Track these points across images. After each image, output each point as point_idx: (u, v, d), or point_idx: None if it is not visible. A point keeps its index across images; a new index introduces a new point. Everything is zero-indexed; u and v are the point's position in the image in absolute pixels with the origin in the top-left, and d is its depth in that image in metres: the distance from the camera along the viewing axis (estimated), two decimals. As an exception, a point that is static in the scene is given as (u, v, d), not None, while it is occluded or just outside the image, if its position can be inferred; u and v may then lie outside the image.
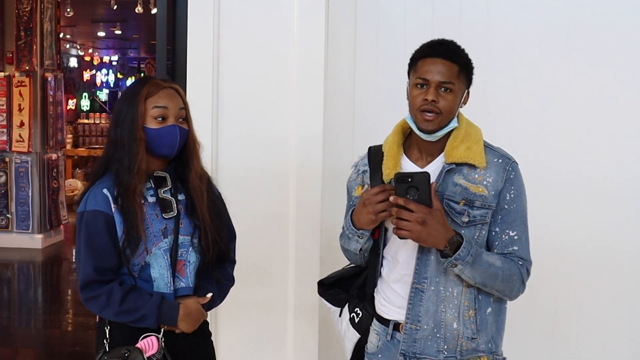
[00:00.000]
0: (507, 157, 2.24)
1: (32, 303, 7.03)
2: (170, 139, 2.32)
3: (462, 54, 2.23)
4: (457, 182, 2.19)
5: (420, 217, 2.06)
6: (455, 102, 2.17)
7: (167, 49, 3.61)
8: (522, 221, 2.21)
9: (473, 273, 2.13)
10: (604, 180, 3.65)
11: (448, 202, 2.18)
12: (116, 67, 18.02)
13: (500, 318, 2.30)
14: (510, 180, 2.19)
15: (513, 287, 2.19)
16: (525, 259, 2.21)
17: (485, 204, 2.17)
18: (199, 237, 2.39)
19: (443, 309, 2.21)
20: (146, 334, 2.30)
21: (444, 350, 2.22)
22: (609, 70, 3.63)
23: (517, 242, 2.20)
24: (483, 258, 2.13)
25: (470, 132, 2.23)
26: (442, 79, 2.15)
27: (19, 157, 8.71)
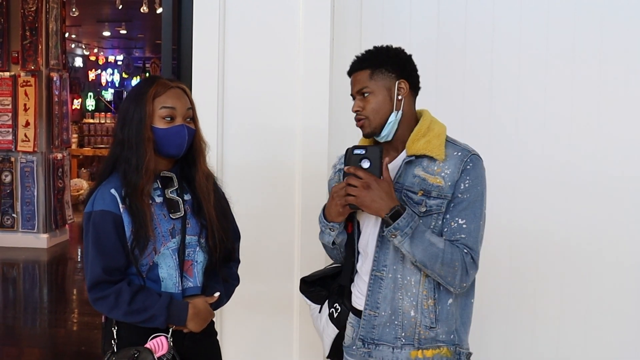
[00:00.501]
0: (467, 150, 2.29)
1: (37, 302, 7.04)
2: (179, 139, 2.32)
3: (371, 57, 2.34)
4: (416, 174, 2.28)
5: (365, 183, 2.18)
6: (378, 101, 2.29)
7: (173, 48, 3.61)
8: (473, 211, 2.23)
9: (412, 248, 2.18)
10: (611, 177, 3.65)
11: (407, 193, 2.28)
12: (121, 67, 18.04)
13: (465, 312, 2.33)
14: (466, 171, 2.24)
15: (455, 274, 2.20)
16: (471, 248, 2.22)
17: (441, 194, 2.23)
18: (206, 237, 2.39)
19: (400, 297, 2.28)
20: (155, 334, 2.30)
21: (402, 337, 2.29)
22: (616, 68, 3.62)
23: (465, 230, 2.22)
24: (425, 236, 2.19)
25: (433, 128, 2.32)
26: (357, 88, 2.34)
27: (25, 156, 8.73)
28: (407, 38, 3.64)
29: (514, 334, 3.75)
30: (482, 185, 2.26)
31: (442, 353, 2.28)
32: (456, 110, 3.65)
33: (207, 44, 3.45)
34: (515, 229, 3.69)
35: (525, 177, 3.68)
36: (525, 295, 3.74)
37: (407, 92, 2.32)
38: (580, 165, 3.65)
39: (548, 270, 3.72)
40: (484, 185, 2.27)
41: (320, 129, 3.43)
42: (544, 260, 3.72)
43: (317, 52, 3.43)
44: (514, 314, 3.74)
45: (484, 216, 2.28)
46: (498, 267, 3.69)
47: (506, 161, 3.66)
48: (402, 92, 2.30)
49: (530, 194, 3.69)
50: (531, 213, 3.69)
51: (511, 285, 3.74)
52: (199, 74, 3.46)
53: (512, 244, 3.70)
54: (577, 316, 3.72)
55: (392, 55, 2.34)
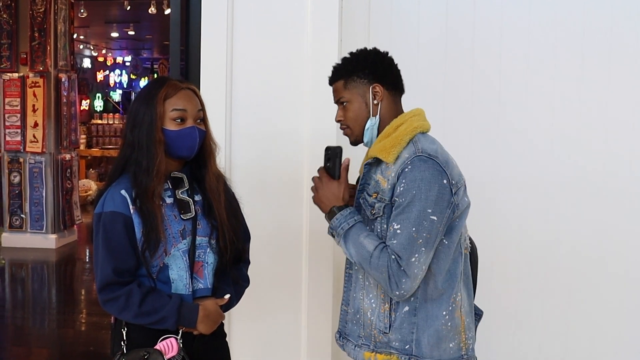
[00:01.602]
0: (414, 152, 2.18)
1: (46, 303, 7.05)
2: (190, 141, 2.31)
3: (344, 65, 2.34)
4: (374, 177, 2.29)
5: (317, 183, 2.32)
6: (354, 109, 2.31)
7: (181, 49, 3.61)
8: (407, 216, 2.12)
9: (348, 248, 2.22)
10: (620, 177, 3.65)
11: (365, 195, 2.30)
12: (129, 68, 18.08)
13: (433, 324, 2.22)
14: (403, 174, 2.15)
15: (386, 280, 2.13)
16: (399, 256, 2.11)
17: (382, 197, 2.22)
18: (217, 238, 2.38)
19: (361, 297, 2.32)
20: (164, 335, 2.29)
21: (362, 336, 2.32)
22: (625, 66, 3.62)
23: (397, 236, 2.12)
24: (359, 238, 2.19)
25: (400, 129, 2.27)
26: (335, 98, 2.37)
27: (33, 157, 8.75)
28: (416, 36, 3.64)
29: (520, 340, 3.73)
30: (419, 189, 2.11)
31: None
32: (464, 108, 3.65)
33: (215, 45, 3.46)
34: (524, 231, 3.68)
35: (532, 174, 3.67)
36: (532, 301, 3.73)
37: (382, 95, 2.30)
38: (588, 165, 3.65)
39: (555, 276, 3.71)
40: (425, 189, 2.11)
41: (328, 130, 3.42)
42: (551, 265, 3.70)
43: (325, 52, 3.42)
44: (520, 319, 3.73)
45: (426, 225, 2.11)
46: (504, 271, 3.68)
47: (514, 158, 3.65)
48: (377, 96, 2.29)
49: (538, 192, 3.67)
50: (539, 212, 3.68)
51: (517, 291, 3.72)
52: (207, 75, 3.46)
53: (519, 246, 3.69)
54: (584, 322, 3.70)
55: (362, 60, 2.32)
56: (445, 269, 2.23)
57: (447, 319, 2.24)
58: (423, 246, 2.12)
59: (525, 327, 3.73)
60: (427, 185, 2.12)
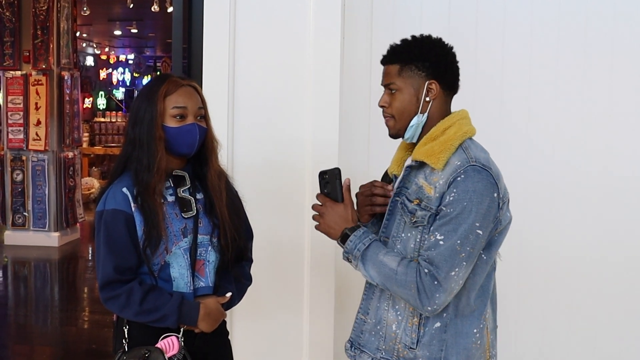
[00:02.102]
0: (467, 160, 2.04)
1: (48, 301, 7.07)
2: (190, 138, 2.31)
3: (403, 50, 2.17)
4: (417, 181, 2.12)
5: (320, 210, 2.20)
6: (403, 100, 2.14)
7: (183, 47, 3.61)
8: (454, 227, 1.98)
9: (367, 270, 2.09)
10: (621, 177, 3.64)
11: (404, 200, 2.15)
12: (132, 66, 18.09)
13: (462, 341, 2.11)
14: (455, 183, 2.00)
15: (415, 296, 1.99)
16: (437, 267, 1.98)
17: (428, 206, 2.06)
18: (218, 236, 2.38)
19: (386, 308, 2.18)
20: (166, 333, 2.29)
21: (382, 349, 2.18)
22: (628, 65, 3.61)
23: (438, 247, 1.98)
24: (378, 256, 2.06)
25: (448, 133, 2.12)
26: (385, 81, 2.19)
27: (36, 155, 8.76)
28: (418, 33, 3.63)
29: (520, 342, 3.72)
30: (471, 200, 1.98)
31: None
32: (467, 107, 3.63)
33: (217, 43, 3.45)
34: (525, 231, 3.66)
35: (534, 174, 3.66)
36: (532, 306, 3.72)
37: (437, 93, 2.13)
38: (589, 165, 3.64)
39: (556, 277, 3.69)
40: (476, 201, 1.99)
41: (331, 128, 3.42)
42: (552, 266, 3.69)
43: (328, 50, 3.42)
44: (521, 320, 3.72)
45: (472, 239, 1.99)
46: (505, 272, 3.67)
47: (515, 158, 3.65)
48: (431, 93, 2.13)
49: (539, 192, 3.66)
50: (540, 213, 3.67)
51: (518, 292, 3.71)
52: (210, 73, 3.46)
53: (520, 247, 3.68)
54: (586, 324, 3.69)
55: (426, 50, 2.15)
56: (479, 284, 2.13)
57: (478, 337, 2.14)
58: (464, 260, 2.00)
59: (526, 329, 3.72)
60: (478, 198, 1.99)
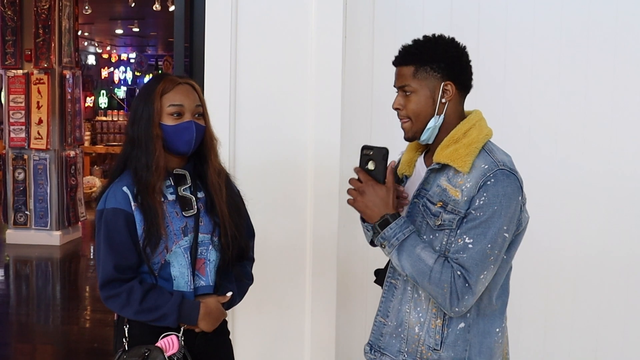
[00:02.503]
0: (495, 164, 2.04)
1: (50, 300, 7.07)
2: (187, 136, 2.31)
3: (417, 51, 2.15)
4: (440, 184, 2.11)
5: (361, 187, 2.10)
6: (418, 102, 2.12)
7: (185, 46, 3.61)
8: (483, 231, 2.00)
9: (401, 261, 2.06)
10: (624, 176, 3.63)
11: (426, 202, 2.13)
12: (134, 65, 18.10)
13: (485, 341, 2.13)
14: (485, 187, 2.01)
15: (445, 296, 2.00)
16: (468, 270, 1.99)
17: (455, 209, 2.05)
18: (219, 235, 2.38)
19: (407, 310, 2.17)
20: (166, 332, 2.30)
21: (404, 352, 2.17)
22: (631, 64, 3.60)
23: (468, 250, 1.99)
24: (415, 250, 2.04)
25: (470, 134, 2.12)
26: (399, 83, 2.16)
27: (37, 154, 8.76)
28: (420, 35, 3.62)
29: (523, 339, 3.72)
30: (501, 204, 2.00)
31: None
32: (469, 106, 3.63)
33: (219, 42, 3.45)
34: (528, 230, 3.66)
35: (536, 173, 3.64)
36: (533, 303, 3.71)
37: (452, 94, 2.13)
38: (592, 163, 3.63)
39: (557, 281, 3.69)
40: (505, 205, 2.00)
41: (332, 126, 3.42)
42: (554, 264, 3.69)
43: (330, 49, 3.42)
44: (524, 318, 3.71)
45: (500, 242, 2.01)
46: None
47: (517, 157, 3.63)
48: (446, 95, 2.13)
49: (541, 191, 3.65)
50: (541, 211, 3.66)
51: (519, 290, 3.70)
52: (211, 72, 3.46)
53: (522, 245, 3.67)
54: (588, 321, 3.69)
55: (441, 51, 2.13)
56: (500, 284, 2.14)
57: (500, 335, 2.17)
58: (492, 263, 2.02)
59: (528, 325, 3.72)
60: (507, 202, 2.01)
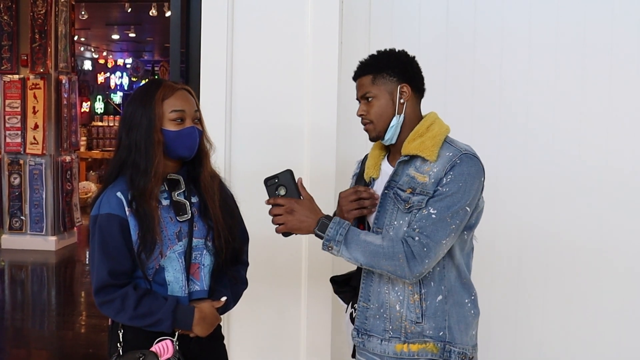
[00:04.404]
0: (459, 150, 2.28)
1: (45, 305, 7.06)
2: (190, 141, 2.32)
3: (373, 62, 2.38)
4: (408, 173, 2.32)
5: (288, 208, 2.28)
6: (380, 105, 2.35)
7: (181, 51, 3.61)
8: (447, 204, 2.21)
9: (351, 253, 2.23)
10: (621, 171, 3.65)
11: (397, 191, 2.32)
12: (130, 70, 18.09)
13: (461, 310, 2.33)
14: (452, 168, 2.23)
15: (402, 265, 2.18)
16: (428, 235, 2.18)
17: (423, 191, 2.25)
18: (213, 238, 2.38)
19: (386, 291, 2.34)
20: (160, 337, 2.29)
21: (390, 330, 2.34)
22: (627, 60, 3.63)
23: (430, 219, 2.20)
24: (360, 237, 2.23)
25: (433, 129, 2.34)
26: (361, 93, 2.40)
27: (33, 159, 8.75)
28: (417, 36, 3.64)
29: (520, 337, 3.73)
30: (465, 182, 2.23)
31: (428, 348, 2.30)
32: (466, 106, 3.65)
33: (215, 47, 3.45)
34: (524, 226, 3.68)
35: (533, 171, 3.66)
36: (531, 296, 3.73)
37: (409, 95, 2.35)
38: (589, 159, 3.65)
39: (555, 270, 3.71)
40: (469, 183, 2.23)
41: (329, 130, 3.42)
42: (552, 260, 3.70)
43: (326, 53, 3.42)
44: (520, 316, 3.72)
45: (461, 215, 2.23)
46: (504, 266, 3.68)
47: (515, 156, 3.65)
48: (404, 95, 2.35)
49: (540, 189, 3.67)
50: (540, 209, 3.68)
51: (517, 286, 3.72)
52: (208, 77, 3.46)
53: (519, 242, 3.69)
54: (585, 318, 3.70)
55: (394, 59, 2.37)
56: (464, 261, 2.36)
57: (470, 306, 2.35)
58: (453, 232, 2.22)
59: (525, 322, 3.73)
60: (471, 180, 2.24)
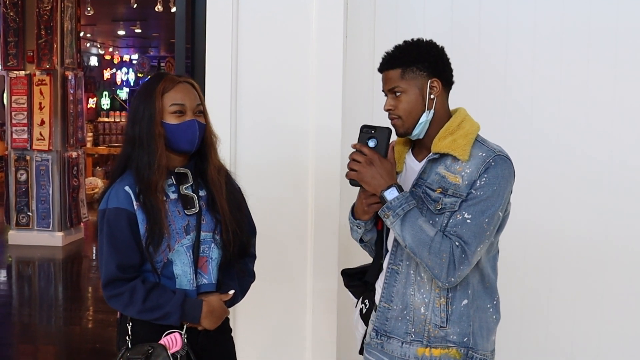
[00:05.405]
0: (493, 151, 2.22)
1: (52, 300, 7.07)
2: (190, 134, 2.32)
3: (402, 54, 2.28)
4: (438, 172, 2.25)
5: (368, 159, 2.21)
6: (409, 100, 2.26)
7: (186, 47, 3.62)
8: (482, 208, 2.16)
9: (403, 231, 2.17)
10: (628, 167, 3.65)
11: (426, 190, 2.26)
12: (136, 66, 18.11)
13: (484, 316, 2.29)
14: (487, 170, 2.18)
15: (442, 266, 2.14)
16: (466, 242, 2.15)
17: (456, 193, 2.20)
18: (220, 232, 2.39)
19: (412, 292, 2.28)
20: (169, 330, 2.30)
21: (412, 332, 2.28)
22: (632, 52, 3.62)
23: (466, 224, 2.16)
24: (417, 221, 2.17)
25: (463, 126, 2.27)
26: (388, 86, 2.29)
27: (40, 155, 8.77)
28: (422, 31, 3.62)
29: (526, 333, 3.73)
30: (500, 185, 2.17)
31: (451, 354, 2.25)
32: (471, 102, 3.62)
33: (220, 43, 3.45)
34: (529, 221, 3.67)
35: (539, 165, 3.65)
36: (538, 294, 3.73)
37: (439, 90, 2.27)
38: (595, 153, 3.65)
39: (561, 265, 3.70)
40: (503, 186, 2.18)
41: (333, 127, 3.42)
42: (557, 254, 3.69)
43: (331, 49, 3.42)
44: (525, 312, 3.72)
45: (495, 219, 2.18)
46: (508, 262, 3.67)
47: (521, 150, 3.64)
48: (434, 91, 2.26)
49: (544, 181, 3.66)
50: (544, 204, 3.67)
51: (522, 281, 3.72)
52: (213, 73, 3.46)
53: (524, 237, 3.68)
54: (591, 314, 3.70)
55: (424, 52, 2.27)
56: (490, 264, 2.31)
57: (492, 312, 2.32)
58: (487, 238, 2.18)
59: (531, 317, 3.72)
60: (505, 184, 2.19)
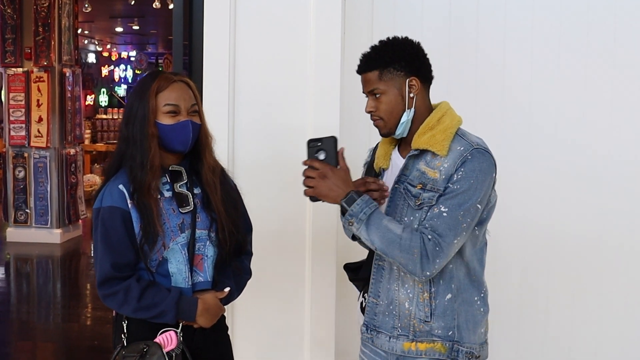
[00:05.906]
0: (470, 145, 2.22)
1: (50, 297, 7.08)
2: (183, 135, 2.31)
3: (378, 55, 2.29)
4: (419, 168, 2.27)
5: (322, 173, 2.22)
6: (389, 101, 2.27)
7: (184, 44, 3.61)
8: (458, 202, 2.16)
9: (370, 234, 2.19)
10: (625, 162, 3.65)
11: (407, 186, 2.27)
12: (134, 63, 18.09)
13: (470, 309, 2.29)
14: (463, 164, 2.18)
15: (415, 261, 2.14)
16: (440, 235, 2.14)
17: (434, 187, 2.20)
18: (216, 230, 2.38)
19: (396, 288, 2.31)
20: (164, 328, 2.30)
21: (398, 327, 2.31)
22: (629, 54, 3.62)
23: (442, 217, 2.15)
24: (382, 222, 2.18)
25: (443, 121, 2.28)
26: (368, 88, 2.32)
27: (38, 152, 8.77)
28: (419, 28, 3.63)
29: (524, 333, 3.73)
30: (477, 179, 2.17)
31: (436, 348, 2.27)
32: (469, 96, 3.64)
33: (218, 40, 3.45)
34: (527, 218, 3.67)
35: (537, 162, 3.66)
36: (535, 293, 3.73)
37: (418, 88, 2.28)
38: (593, 149, 3.64)
39: (559, 263, 3.70)
40: (481, 179, 2.18)
41: (331, 125, 3.41)
42: (555, 251, 3.69)
43: (329, 46, 3.41)
44: (523, 312, 3.72)
45: (472, 212, 2.18)
46: (506, 260, 3.68)
47: (518, 146, 3.65)
48: (413, 89, 2.27)
49: (542, 179, 3.66)
50: (543, 202, 3.67)
51: (521, 279, 3.72)
52: (210, 70, 3.46)
53: (522, 234, 3.69)
54: (591, 313, 3.70)
55: (400, 52, 2.29)
56: (476, 257, 2.32)
57: (479, 304, 2.32)
58: (464, 231, 2.18)
59: (529, 318, 3.73)
60: (482, 177, 2.18)
